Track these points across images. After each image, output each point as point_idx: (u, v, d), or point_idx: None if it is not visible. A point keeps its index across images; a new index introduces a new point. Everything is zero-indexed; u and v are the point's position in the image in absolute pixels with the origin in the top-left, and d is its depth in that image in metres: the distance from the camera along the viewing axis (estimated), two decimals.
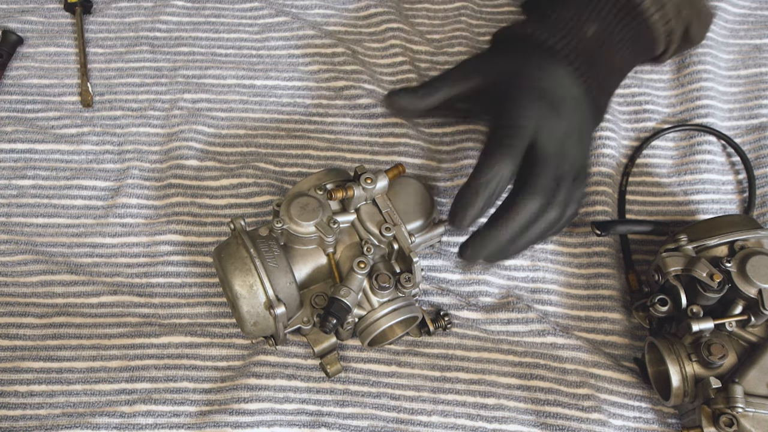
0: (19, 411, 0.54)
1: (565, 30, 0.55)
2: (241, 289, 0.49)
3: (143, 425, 0.53)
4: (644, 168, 0.64)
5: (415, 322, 0.54)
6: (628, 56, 0.58)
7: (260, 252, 0.50)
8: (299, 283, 0.52)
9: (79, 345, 0.56)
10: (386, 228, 0.52)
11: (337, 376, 0.55)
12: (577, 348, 0.56)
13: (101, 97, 0.66)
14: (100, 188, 0.63)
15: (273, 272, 0.49)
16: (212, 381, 0.55)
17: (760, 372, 0.49)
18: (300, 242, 0.52)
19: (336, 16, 0.71)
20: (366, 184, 0.52)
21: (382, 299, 0.52)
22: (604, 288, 0.59)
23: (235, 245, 0.50)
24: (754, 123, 0.65)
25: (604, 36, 0.56)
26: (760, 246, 0.52)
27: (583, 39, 0.55)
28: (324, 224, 0.51)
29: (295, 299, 0.51)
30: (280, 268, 0.50)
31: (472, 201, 0.50)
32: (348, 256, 0.53)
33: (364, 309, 0.52)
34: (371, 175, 0.53)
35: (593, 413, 0.53)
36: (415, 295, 0.55)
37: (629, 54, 0.58)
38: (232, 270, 0.49)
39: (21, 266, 0.59)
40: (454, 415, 0.54)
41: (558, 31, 0.55)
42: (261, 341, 0.56)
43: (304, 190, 0.53)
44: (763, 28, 0.69)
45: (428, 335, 0.56)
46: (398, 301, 0.52)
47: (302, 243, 0.52)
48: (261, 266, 0.49)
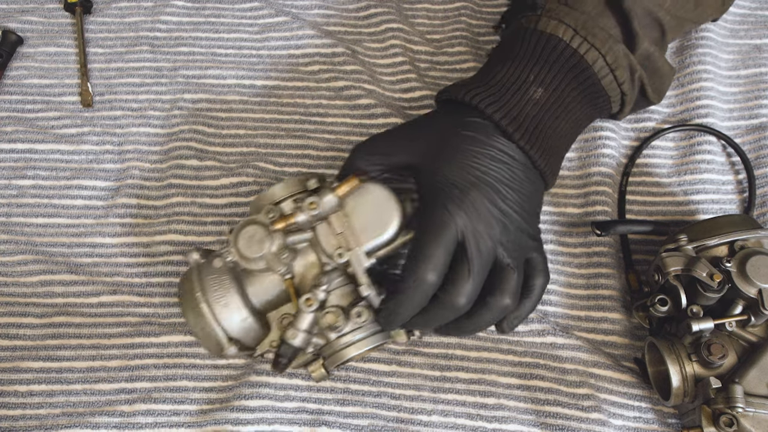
0: (18, 411, 0.54)
1: (509, 96, 0.51)
2: (196, 329, 0.49)
3: (143, 424, 0.53)
4: (644, 168, 0.64)
5: (382, 344, 0.51)
6: (581, 116, 0.55)
7: (209, 291, 0.48)
8: (261, 308, 0.50)
9: (79, 345, 0.57)
10: (339, 254, 0.48)
11: (337, 373, 0.55)
12: (577, 348, 0.56)
13: (101, 97, 0.66)
14: (100, 188, 0.63)
15: (223, 312, 0.48)
16: (212, 380, 0.55)
17: (760, 372, 0.49)
18: (256, 269, 0.49)
19: (336, 16, 0.71)
20: (309, 209, 0.48)
21: (338, 333, 0.49)
22: (604, 288, 0.59)
23: (189, 284, 0.49)
24: (754, 123, 0.65)
25: (553, 99, 0.52)
26: (760, 246, 0.52)
27: (528, 104, 0.51)
28: (271, 256, 0.47)
29: (255, 331, 0.49)
30: (231, 307, 0.48)
31: (403, 312, 0.47)
32: (312, 276, 0.50)
33: (323, 339, 0.49)
34: (314, 198, 0.48)
35: (593, 413, 0.53)
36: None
37: (582, 114, 0.55)
38: (186, 311, 0.49)
39: (21, 266, 0.59)
40: (454, 414, 0.54)
41: (501, 97, 0.51)
42: None
43: (260, 209, 0.50)
44: (763, 28, 0.69)
45: (418, 338, 0.54)
46: (359, 332, 0.49)
47: (258, 270, 0.49)
48: (208, 309, 0.48)
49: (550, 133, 0.52)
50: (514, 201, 0.49)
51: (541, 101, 0.51)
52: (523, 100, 0.51)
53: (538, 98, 0.51)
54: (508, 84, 0.52)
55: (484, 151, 0.50)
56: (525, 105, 0.51)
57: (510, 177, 0.50)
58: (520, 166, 0.50)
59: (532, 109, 0.51)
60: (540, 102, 0.51)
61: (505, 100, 0.51)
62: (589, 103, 0.54)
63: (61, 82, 0.67)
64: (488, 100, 0.51)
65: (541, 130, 0.51)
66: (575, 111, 0.54)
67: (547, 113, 0.52)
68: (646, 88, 0.56)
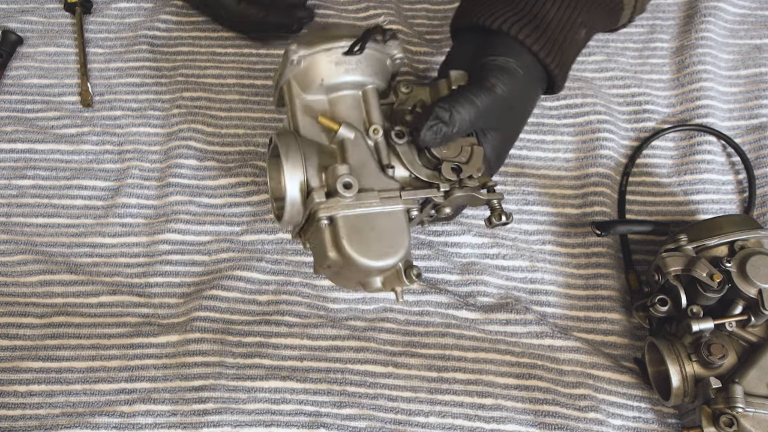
0: (18, 411, 0.54)
1: (560, 38, 0.52)
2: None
3: (143, 425, 0.53)
4: (644, 168, 0.64)
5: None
6: (591, 33, 0.56)
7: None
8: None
9: (79, 345, 0.57)
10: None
11: (333, 375, 0.55)
12: (575, 349, 0.56)
13: (101, 97, 0.66)
14: (100, 188, 0.63)
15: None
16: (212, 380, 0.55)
17: (760, 372, 0.49)
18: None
19: (335, 16, 0.71)
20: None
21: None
22: (603, 288, 0.59)
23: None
24: (754, 123, 0.65)
25: (590, 36, 0.55)
26: (760, 246, 0.52)
27: (572, 45, 0.53)
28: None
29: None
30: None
31: (440, 128, 0.48)
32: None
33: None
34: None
35: (590, 413, 0.53)
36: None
37: (592, 31, 0.56)
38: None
39: (21, 266, 0.59)
40: (451, 415, 0.54)
41: (554, 40, 0.52)
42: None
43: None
44: (763, 28, 0.69)
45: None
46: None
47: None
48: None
49: (574, 61, 0.55)
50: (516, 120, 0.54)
51: (581, 41, 0.53)
52: (568, 41, 0.52)
53: (580, 38, 0.53)
54: (560, 25, 0.52)
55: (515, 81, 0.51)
56: (570, 46, 0.53)
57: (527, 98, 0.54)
58: (538, 92, 0.55)
59: (573, 48, 0.53)
60: (580, 42, 0.54)
61: (558, 45, 0.52)
62: (605, 29, 0.58)
63: (61, 82, 0.67)
64: (547, 47, 0.51)
65: (571, 62, 0.54)
66: (596, 32, 0.57)
67: (579, 50, 0.55)
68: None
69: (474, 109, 0.49)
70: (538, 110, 0.65)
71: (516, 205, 0.62)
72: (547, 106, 0.65)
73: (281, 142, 0.48)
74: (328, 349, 0.56)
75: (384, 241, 0.46)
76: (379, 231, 0.46)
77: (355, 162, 0.48)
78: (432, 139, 0.48)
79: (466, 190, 0.48)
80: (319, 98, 0.50)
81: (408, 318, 0.58)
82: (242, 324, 0.57)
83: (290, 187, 0.47)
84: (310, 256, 0.59)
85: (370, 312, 0.58)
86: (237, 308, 0.58)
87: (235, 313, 0.58)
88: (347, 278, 0.50)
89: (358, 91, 0.51)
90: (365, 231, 0.45)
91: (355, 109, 0.50)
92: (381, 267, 0.46)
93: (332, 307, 0.58)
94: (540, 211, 0.62)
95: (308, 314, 0.58)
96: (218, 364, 0.55)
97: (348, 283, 0.51)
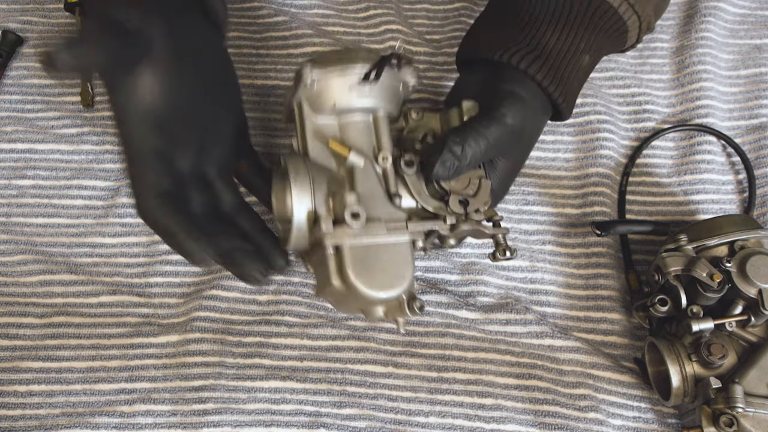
0: (18, 411, 0.54)
1: (563, 66, 0.52)
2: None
3: (143, 425, 0.53)
4: (644, 168, 0.64)
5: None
6: (596, 58, 0.57)
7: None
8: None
9: (79, 345, 0.57)
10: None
11: (333, 375, 0.55)
12: (575, 350, 0.56)
13: (101, 97, 0.66)
14: (100, 188, 0.63)
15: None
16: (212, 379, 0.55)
17: (760, 372, 0.49)
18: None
19: (335, 16, 0.71)
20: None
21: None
22: (603, 288, 0.59)
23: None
24: (754, 123, 0.65)
25: (595, 62, 0.55)
26: (760, 246, 0.52)
27: (578, 73, 0.53)
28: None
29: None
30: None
31: (453, 166, 0.48)
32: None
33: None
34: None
35: (590, 413, 0.53)
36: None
37: (597, 56, 0.56)
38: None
39: (21, 266, 0.59)
40: (451, 415, 0.54)
41: (557, 69, 0.52)
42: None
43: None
44: (763, 28, 0.69)
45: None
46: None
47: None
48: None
49: (580, 88, 0.56)
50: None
51: (585, 68, 0.54)
52: (570, 68, 0.53)
53: (584, 65, 0.53)
54: (562, 53, 0.52)
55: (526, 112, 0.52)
56: (573, 74, 0.53)
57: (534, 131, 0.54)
58: (542, 116, 0.54)
59: (577, 75, 0.53)
60: (584, 69, 0.54)
61: (561, 73, 0.52)
62: (614, 52, 0.59)
63: (61, 82, 0.67)
64: (550, 76, 0.51)
65: (576, 89, 0.55)
66: (600, 59, 0.57)
67: (585, 77, 0.55)
68: (651, 25, 0.58)
69: (485, 142, 0.49)
70: None
71: (516, 205, 0.62)
72: None
73: (291, 165, 0.47)
74: (328, 349, 0.56)
75: (389, 273, 0.46)
76: (385, 262, 0.46)
77: (364, 190, 0.47)
78: (444, 173, 0.48)
79: (471, 224, 0.48)
80: (329, 122, 0.50)
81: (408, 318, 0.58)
82: (242, 324, 0.57)
83: (297, 212, 0.47)
84: None
85: None
86: (237, 308, 0.58)
87: (235, 313, 0.58)
88: (349, 305, 0.49)
89: (369, 116, 0.51)
90: (371, 262, 0.45)
91: (365, 135, 0.50)
92: (385, 298, 0.46)
93: (332, 307, 0.58)
94: (540, 211, 0.62)
95: (308, 314, 0.58)
96: (218, 364, 0.55)
97: (349, 309, 0.50)
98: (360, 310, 0.49)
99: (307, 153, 0.50)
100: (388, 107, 0.51)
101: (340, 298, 0.48)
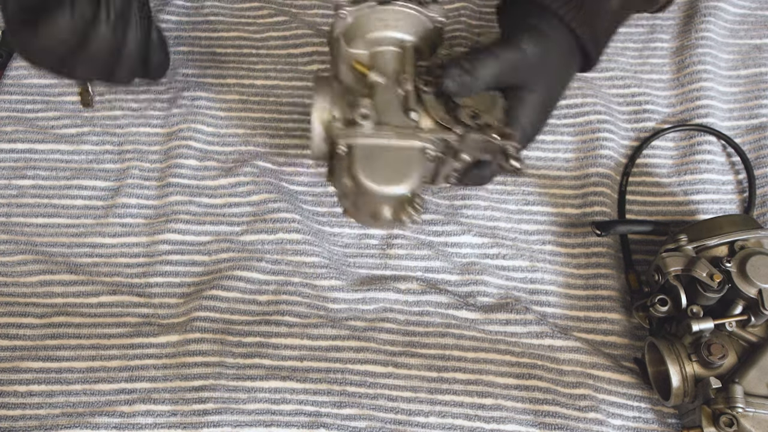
0: (18, 411, 0.54)
1: (591, 7, 0.53)
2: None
3: (143, 425, 0.53)
4: (644, 168, 0.64)
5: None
6: (627, 7, 0.57)
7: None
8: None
9: (79, 345, 0.57)
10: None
11: (333, 376, 0.55)
12: (575, 350, 0.56)
13: (101, 97, 0.66)
14: (100, 188, 0.63)
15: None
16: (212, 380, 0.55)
17: (760, 372, 0.49)
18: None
19: None
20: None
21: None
22: (603, 288, 0.59)
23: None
24: (754, 123, 0.65)
25: (624, 7, 0.55)
26: (760, 246, 0.52)
27: (605, 16, 0.54)
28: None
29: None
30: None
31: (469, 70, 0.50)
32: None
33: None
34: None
35: (590, 413, 0.53)
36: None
37: (628, 5, 0.57)
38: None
39: (21, 266, 0.59)
40: (451, 415, 0.54)
41: (585, 9, 0.52)
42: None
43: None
44: (763, 28, 0.69)
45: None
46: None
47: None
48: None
49: (608, 39, 0.56)
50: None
51: (614, 12, 0.54)
52: (597, 8, 0.53)
53: (612, 8, 0.54)
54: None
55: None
56: (600, 15, 0.53)
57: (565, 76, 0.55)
58: (571, 64, 0.55)
59: (605, 17, 0.54)
60: (613, 13, 0.54)
61: (588, 12, 0.52)
62: (645, 5, 0.58)
63: (61, 82, 0.67)
64: (573, 12, 0.52)
65: (606, 37, 0.55)
66: (630, 15, 0.57)
67: (614, 22, 0.55)
68: None
69: (496, 62, 0.50)
70: None
71: (516, 205, 0.62)
72: None
73: (316, 80, 0.52)
74: (328, 349, 0.56)
75: (394, 170, 0.48)
76: (390, 160, 0.49)
77: (381, 103, 0.51)
78: (454, 87, 0.50)
79: (480, 134, 0.50)
80: (362, 51, 0.54)
81: (408, 318, 0.58)
82: (242, 324, 0.57)
83: (315, 119, 0.50)
84: (310, 256, 0.59)
85: (370, 312, 0.58)
86: (237, 308, 0.58)
87: (235, 313, 0.58)
88: (362, 210, 0.51)
89: (398, 49, 0.54)
90: (377, 159, 0.49)
91: (393, 62, 0.53)
92: (386, 193, 0.48)
93: (332, 307, 0.58)
94: (540, 211, 0.62)
95: (308, 314, 0.58)
96: (218, 364, 0.55)
97: (364, 216, 0.52)
98: (372, 215, 0.51)
99: (338, 77, 0.54)
100: (416, 40, 0.54)
101: (354, 201, 0.51)
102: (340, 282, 0.59)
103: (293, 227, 0.60)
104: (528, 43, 0.51)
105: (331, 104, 0.50)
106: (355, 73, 0.53)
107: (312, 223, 0.61)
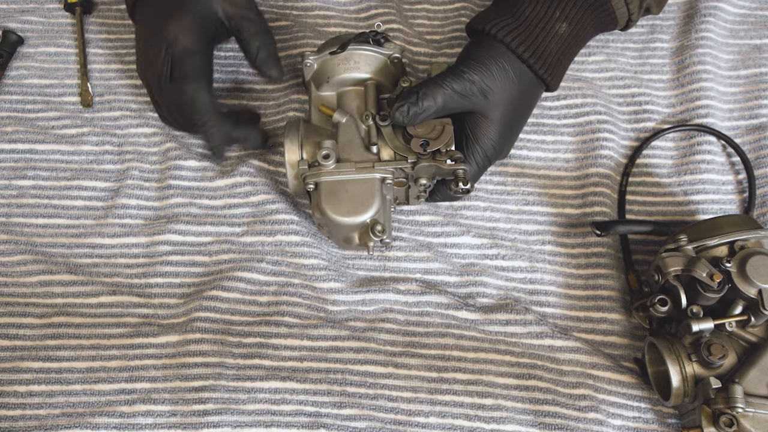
0: (18, 411, 0.54)
1: (536, 32, 0.56)
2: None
3: (143, 425, 0.53)
4: (644, 168, 0.64)
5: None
6: (590, 38, 0.61)
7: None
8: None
9: (79, 345, 0.57)
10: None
11: (333, 376, 0.55)
12: (575, 350, 0.56)
13: (101, 98, 0.66)
14: (99, 189, 0.63)
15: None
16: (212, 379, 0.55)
17: (760, 372, 0.49)
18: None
19: (336, 17, 0.71)
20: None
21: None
22: (602, 288, 0.59)
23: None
24: (754, 123, 0.65)
25: (575, 32, 0.57)
26: (760, 246, 0.52)
27: (553, 40, 0.56)
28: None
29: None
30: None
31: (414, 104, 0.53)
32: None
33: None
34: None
35: (590, 413, 0.53)
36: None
37: (591, 36, 0.61)
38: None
39: (20, 266, 0.59)
40: (451, 415, 0.54)
41: (529, 34, 0.56)
42: None
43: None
44: (763, 28, 0.69)
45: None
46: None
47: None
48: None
49: (565, 61, 0.59)
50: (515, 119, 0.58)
51: (564, 36, 0.57)
52: (545, 34, 0.56)
53: (561, 33, 0.56)
54: (536, 20, 0.56)
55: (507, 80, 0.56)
56: (550, 41, 0.56)
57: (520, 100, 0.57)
58: (529, 87, 0.57)
59: (555, 41, 0.56)
60: (563, 37, 0.57)
61: (533, 37, 0.56)
62: (600, 27, 0.60)
63: (61, 83, 0.67)
64: (519, 38, 0.55)
65: (559, 59, 0.57)
66: (588, 37, 0.60)
67: (567, 45, 0.58)
68: (651, 8, 0.61)
69: (441, 91, 0.54)
70: (538, 110, 0.65)
71: (516, 205, 0.62)
72: (547, 106, 0.66)
73: (288, 126, 0.58)
74: (328, 349, 0.56)
75: (354, 202, 0.54)
76: (352, 194, 0.54)
77: (344, 140, 0.56)
78: (401, 118, 0.54)
79: (429, 161, 0.54)
80: (329, 93, 0.60)
81: (408, 318, 0.58)
82: (242, 325, 0.57)
83: (288, 160, 0.56)
84: (309, 258, 0.59)
85: (370, 313, 0.58)
86: (237, 309, 0.58)
87: (236, 313, 0.58)
88: (336, 236, 0.57)
89: (362, 87, 0.59)
90: (340, 193, 0.54)
91: (356, 100, 0.58)
92: (349, 223, 0.54)
93: (332, 309, 0.58)
94: (540, 211, 0.62)
95: (308, 315, 0.58)
96: (218, 365, 0.55)
97: (338, 240, 0.57)
98: (345, 240, 0.56)
99: (310, 119, 0.59)
100: (378, 78, 0.59)
101: (329, 230, 0.56)
102: (339, 284, 0.59)
103: (292, 229, 0.60)
104: (474, 72, 0.54)
105: (299, 147, 0.56)
106: (322, 114, 0.59)
107: (311, 225, 0.61)
